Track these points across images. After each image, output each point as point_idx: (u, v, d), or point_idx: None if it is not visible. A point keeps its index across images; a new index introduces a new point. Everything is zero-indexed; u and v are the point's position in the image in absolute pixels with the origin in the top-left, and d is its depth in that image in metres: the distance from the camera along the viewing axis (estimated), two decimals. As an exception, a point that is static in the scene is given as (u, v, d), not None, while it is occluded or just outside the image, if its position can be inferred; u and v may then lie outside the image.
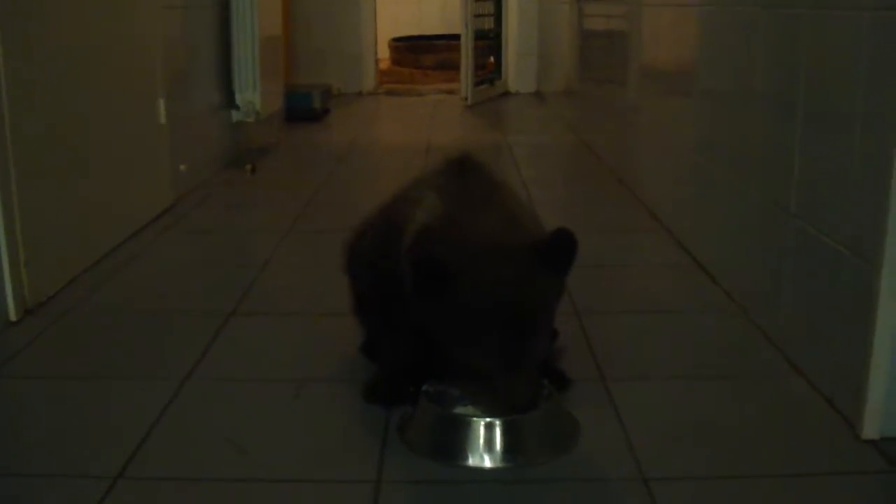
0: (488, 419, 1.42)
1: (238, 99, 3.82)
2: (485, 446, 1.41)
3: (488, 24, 6.15)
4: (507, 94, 6.39)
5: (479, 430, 1.41)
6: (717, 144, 2.32)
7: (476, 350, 1.36)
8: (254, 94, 3.82)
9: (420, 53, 7.69)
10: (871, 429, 1.46)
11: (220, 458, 1.44)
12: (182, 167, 3.14)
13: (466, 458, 1.41)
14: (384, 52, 7.46)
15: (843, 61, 1.57)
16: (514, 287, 1.36)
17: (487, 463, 1.41)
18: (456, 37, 5.74)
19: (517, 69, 6.45)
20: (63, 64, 2.27)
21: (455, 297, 1.35)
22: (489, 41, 6.25)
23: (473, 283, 1.35)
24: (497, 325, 1.34)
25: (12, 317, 1.99)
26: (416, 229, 1.47)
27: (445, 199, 1.52)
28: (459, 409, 1.49)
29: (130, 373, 1.76)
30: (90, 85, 2.43)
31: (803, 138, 1.74)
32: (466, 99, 5.72)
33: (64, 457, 1.45)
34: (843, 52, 1.57)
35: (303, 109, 5.04)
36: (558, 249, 1.39)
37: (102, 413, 1.60)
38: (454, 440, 1.42)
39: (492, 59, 6.37)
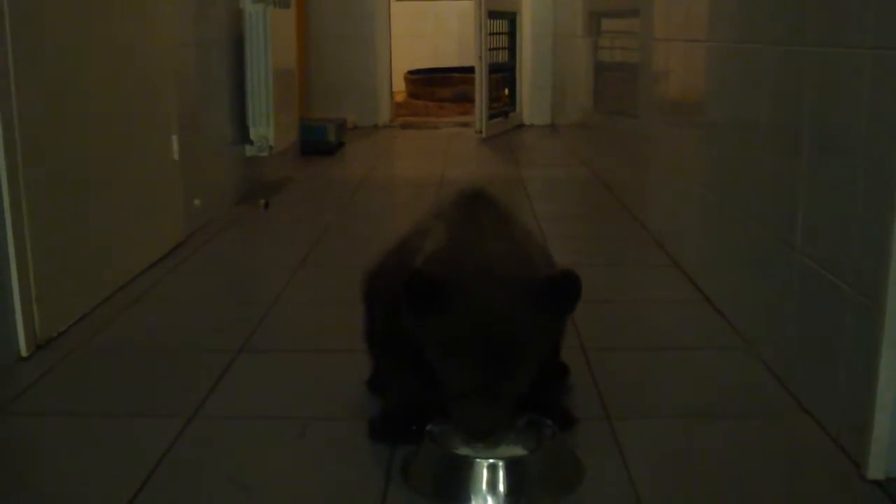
0: (492, 460, 1.41)
1: (252, 133, 3.82)
2: (488, 488, 1.40)
3: (503, 57, 6.18)
4: (521, 126, 6.41)
5: (482, 471, 1.41)
6: (725, 179, 2.32)
7: (452, 369, 1.36)
8: (268, 128, 3.82)
9: (436, 86, 7.72)
10: (876, 469, 1.45)
11: (224, 497, 1.44)
12: (196, 202, 3.17)
13: (469, 499, 1.40)
14: (400, 85, 7.50)
15: (847, 98, 1.57)
16: (499, 313, 1.36)
17: (490, 504, 1.40)
18: (472, 69, 5.76)
19: (532, 101, 6.48)
20: (76, 101, 2.30)
21: (441, 313, 1.36)
22: (504, 74, 6.28)
23: (461, 301, 1.36)
24: (472, 347, 1.35)
25: (23, 352, 2.01)
26: (422, 258, 1.48)
27: (453, 231, 1.53)
28: (463, 450, 1.48)
29: (137, 410, 1.77)
30: (103, 122, 2.45)
31: (808, 174, 1.74)
32: (481, 132, 5.74)
33: (69, 494, 1.45)
34: (847, 89, 1.58)
35: (317, 143, 5.07)
36: (560, 290, 1.39)
37: (108, 450, 1.61)
38: (457, 481, 1.42)
39: (507, 91, 6.40)
